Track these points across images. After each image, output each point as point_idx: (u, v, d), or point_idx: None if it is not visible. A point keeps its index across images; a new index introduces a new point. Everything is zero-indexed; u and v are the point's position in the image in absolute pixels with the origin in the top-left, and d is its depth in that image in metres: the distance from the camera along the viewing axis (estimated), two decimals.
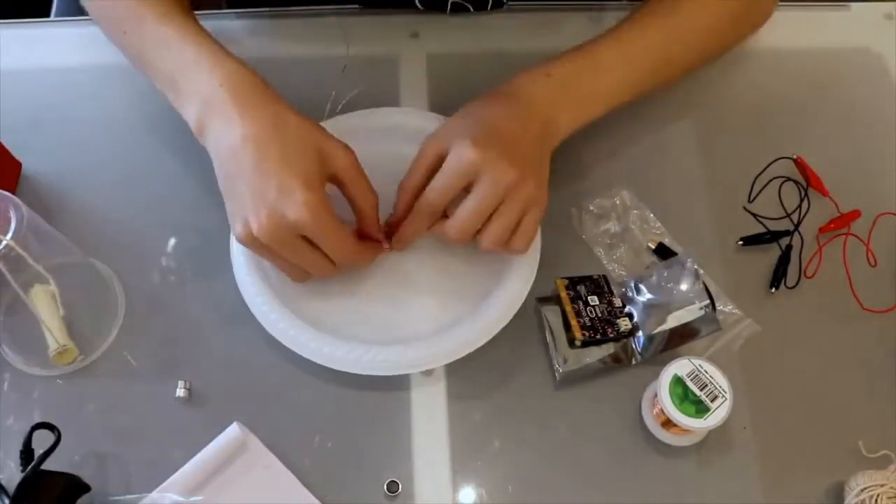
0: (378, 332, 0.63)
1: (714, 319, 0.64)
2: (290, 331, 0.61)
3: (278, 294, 0.62)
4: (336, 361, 0.61)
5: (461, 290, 0.65)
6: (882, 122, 0.78)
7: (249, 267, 0.63)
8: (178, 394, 0.61)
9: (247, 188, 0.56)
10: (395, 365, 0.61)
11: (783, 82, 0.79)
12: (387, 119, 0.72)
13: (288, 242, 0.56)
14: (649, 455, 0.61)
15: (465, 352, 0.61)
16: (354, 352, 0.60)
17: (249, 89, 0.59)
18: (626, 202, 0.71)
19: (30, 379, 0.62)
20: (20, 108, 0.74)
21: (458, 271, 0.66)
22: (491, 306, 0.63)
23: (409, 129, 0.70)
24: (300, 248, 0.57)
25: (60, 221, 0.68)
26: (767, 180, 0.73)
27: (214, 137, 0.58)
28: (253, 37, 0.81)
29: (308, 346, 0.61)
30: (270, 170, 0.55)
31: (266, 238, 0.55)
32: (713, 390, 0.58)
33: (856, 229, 0.71)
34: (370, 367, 0.60)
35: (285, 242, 0.56)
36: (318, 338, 0.61)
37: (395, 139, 0.69)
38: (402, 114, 0.73)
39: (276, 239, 0.56)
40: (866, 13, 0.85)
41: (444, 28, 0.81)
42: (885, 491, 0.57)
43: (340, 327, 0.63)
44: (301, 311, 0.62)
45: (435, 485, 0.60)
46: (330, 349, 0.61)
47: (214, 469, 0.58)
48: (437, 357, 0.61)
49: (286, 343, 0.61)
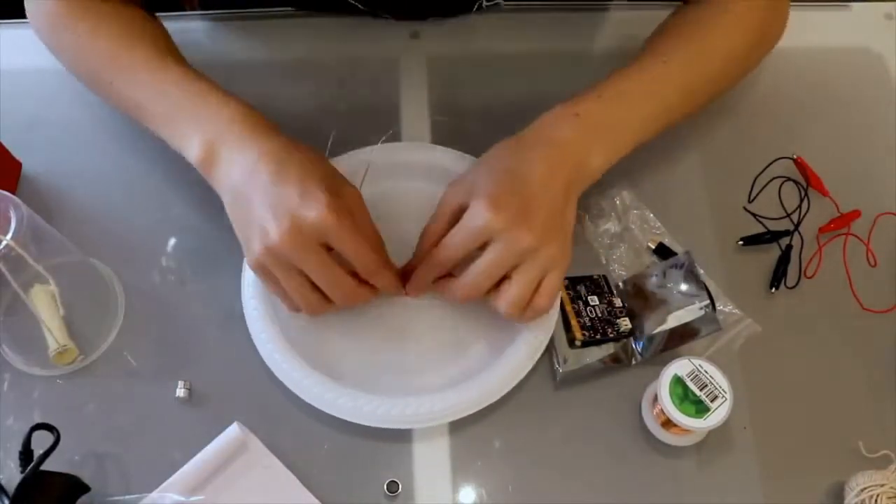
0: (390, 384, 0.62)
1: (714, 319, 0.64)
2: (304, 381, 0.60)
3: (294, 344, 0.61)
4: (360, 416, 0.59)
5: (471, 340, 0.64)
6: (882, 122, 0.78)
7: (264, 318, 0.62)
8: (178, 394, 0.61)
9: (266, 200, 0.54)
10: (402, 419, 0.59)
11: (783, 82, 0.79)
12: (420, 156, 0.70)
13: (309, 252, 0.54)
14: (649, 455, 0.61)
15: (472, 410, 0.60)
16: (371, 404, 0.59)
17: (261, 122, 0.59)
18: (626, 202, 0.71)
19: (30, 379, 0.62)
20: (20, 108, 0.74)
21: (469, 320, 0.65)
22: (499, 366, 0.61)
23: (439, 168, 0.68)
24: (321, 260, 0.55)
25: (60, 221, 0.68)
26: (767, 180, 0.73)
27: (226, 164, 0.57)
28: (251, 39, 0.81)
29: (332, 401, 0.59)
30: (291, 179, 0.54)
31: (287, 246, 0.54)
32: (713, 390, 0.58)
33: (856, 229, 0.71)
34: (382, 419, 0.59)
35: (307, 251, 0.54)
36: (338, 391, 0.59)
37: (429, 177, 0.68)
38: (433, 151, 0.70)
39: (297, 246, 0.54)
40: (866, 13, 0.85)
41: (445, 29, 0.81)
42: (885, 491, 0.57)
43: (363, 380, 0.61)
44: (318, 360, 0.61)
45: (435, 485, 0.60)
46: (355, 403, 0.59)
47: (215, 469, 0.58)
48: (445, 413, 0.60)
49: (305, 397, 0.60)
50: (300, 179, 0.54)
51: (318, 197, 0.53)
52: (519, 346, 0.61)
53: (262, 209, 0.54)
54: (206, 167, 0.59)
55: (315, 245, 0.54)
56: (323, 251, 0.55)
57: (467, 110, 0.76)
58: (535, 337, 0.61)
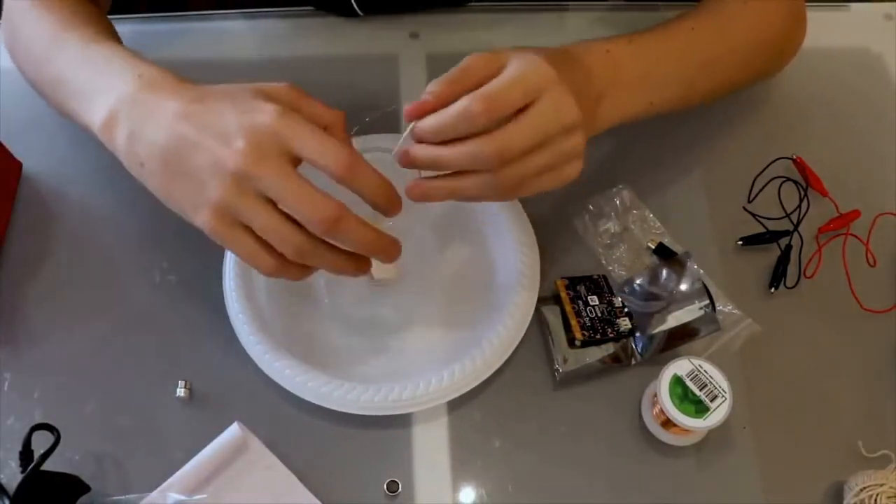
0: (386, 371, 0.62)
1: (714, 319, 0.64)
2: (285, 370, 0.60)
3: (280, 342, 0.61)
4: (349, 404, 0.60)
5: (462, 317, 0.65)
6: (882, 122, 0.78)
7: (246, 313, 0.62)
8: (178, 394, 0.61)
9: (206, 134, 0.48)
10: (398, 404, 0.60)
11: (783, 82, 0.79)
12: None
13: (274, 165, 0.47)
14: (649, 455, 0.61)
15: (472, 384, 0.61)
16: (367, 392, 0.59)
17: (172, 77, 0.53)
18: (626, 202, 0.71)
19: (30, 379, 0.62)
20: (20, 108, 0.74)
21: (457, 302, 0.66)
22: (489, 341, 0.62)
23: None
24: (289, 173, 0.47)
25: (60, 221, 0.68)
26: (767, 180, 0.73)
27: (137, 126, 0.51)
28: (251, 38, 0.81)
29: (319, 391, 0.60)
30: (225, 104, 0.48)
31: (250, 163, 0.46)
32: (713, 390, 0.58)
33: (855, 229, 0.71)
34: (377, 407, 0.59)
35: (271, 165, 0.47)
36: (333, 383, 0.60)
37: None
38: None
39: (260, 161, 0.47)
40: (866, 13, 0.85)
41: (444, 28, 0.81)
42: (885, 490, 0.57)
43: (358, 371, 0.62)
44: (310, 356, 0.61)
45: (435, 485, 0.60)
46: (354, 394, 0.59)
47: (215, 469, 0.58)
48: (444, 391, 0.60)
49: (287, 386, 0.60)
50: (232, 100, 0.49)
51: (261, 106, 0.48)
52: (510, 313, 0.62)
53: (207, 144, 0.48)
54: (106, 132, 0.53)
55: (278, 156, 0.47)
56: (286, 162, 0.48)
57: None
58: (525, 302, 0.63)
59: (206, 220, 0.49)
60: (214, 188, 0.48)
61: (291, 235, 0.49)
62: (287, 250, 0.49)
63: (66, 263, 0.67)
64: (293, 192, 0.47)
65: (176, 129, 0.49)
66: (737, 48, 0.68)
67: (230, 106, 0.48)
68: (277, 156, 0.47)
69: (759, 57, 0.71)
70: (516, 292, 0.63)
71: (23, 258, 0.67)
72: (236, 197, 0.48)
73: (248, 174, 0.47)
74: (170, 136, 0.49)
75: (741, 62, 0.69)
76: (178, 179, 0.50)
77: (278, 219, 0.48)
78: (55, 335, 0.64)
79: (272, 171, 0.47)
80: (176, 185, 0.50)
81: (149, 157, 0.51)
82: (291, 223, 0.49)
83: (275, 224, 0.48)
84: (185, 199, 0.50)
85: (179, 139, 0.49)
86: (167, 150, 0.49)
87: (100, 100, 0.53)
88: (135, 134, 0.51)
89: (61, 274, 0.67)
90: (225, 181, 0.47)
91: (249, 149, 0.47)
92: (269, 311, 0.63)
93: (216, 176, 0.47)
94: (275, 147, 0.47)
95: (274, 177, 0.47)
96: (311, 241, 0.49)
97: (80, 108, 0.56)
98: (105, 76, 0.54)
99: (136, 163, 0.52)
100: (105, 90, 0.53)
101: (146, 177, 0.52)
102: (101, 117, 0.52)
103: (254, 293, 0.63)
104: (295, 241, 0.49)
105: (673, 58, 0.64)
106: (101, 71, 0.55)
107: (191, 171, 0.49)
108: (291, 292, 0.65)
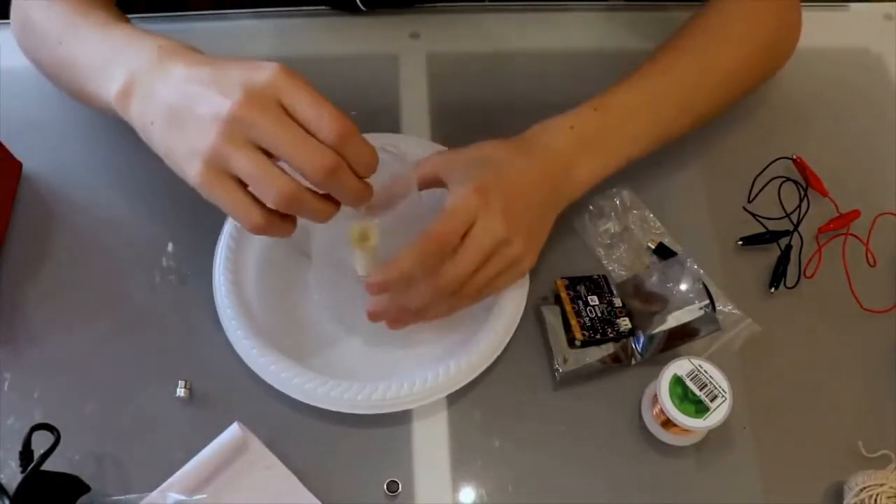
0: (382, 370, 0.63)
1: (714, 319, 0.64)
2: (282, 374, 0.60)
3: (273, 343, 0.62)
4: (345, 404, 0.60)
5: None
6: (882, 122, 0.78)
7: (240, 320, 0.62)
8: (178, 394, 0.61)
9: (211, 90, 0.49)
10: (395, 402, 0.60)
11: (782, 82, 0.79)
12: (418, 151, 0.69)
13: (269, 113, 0.48)
14: (649, 455, 0.61)
15: (469, 377, 0.61)
16: (365, 391, 0.60)
17: (191, 47, 0.55)
18: (626, 202, 0.71)
19: (30, 379, 0.62)
20: (20, 108, 0.74)
21: None
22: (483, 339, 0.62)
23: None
24: (283, 120, 0.48)
25: (60, 221, 0.68)
26: (767, 180, 0.73)
27: (151, 88, 0.52)
28: (251, 38, 0.81)
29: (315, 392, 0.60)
30: (230, 65, 0.50)
31: (245, 110, 0.47)
32: (713, 390, 0.58)
33: (855, 229, 0.71)
34: (374, 405, 0.60)
35: (266, 112, 0.48)
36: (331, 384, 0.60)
37: None
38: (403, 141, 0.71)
39: (255, 108, 0.47)
40: (866, 13, 0.85)
41: (444, 28, 0.81)
42: (885, 490, 0.57)
43: (353, 371, 0.62)
44: (305, 358, 0.62)
45: (435, 485, 0.60)
46: (350, 393, 0.60)
47: (215, 469, 0.58)
48: (442, 386, 0.60)
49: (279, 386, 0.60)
50: (236, 62, 0.50)
51: (265, 64, 0.49)
52: (505, 306, 0.63)
53: (208, 95, 0.49)
54: (121, 102, 0.54)
55: (275, 105, 0.48)
56: (284, 113, 0.48)
57: (467, 109, 0.76)
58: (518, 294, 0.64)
59: (198, 171, 0.49)
60: (208, 135, 0.48)
61: (280, 179, 0.48)
62: (274, 197, 0.49)
63: (66, 263, 0.67)
64: (292, 138, 0.48)
65: (183, 87, 0.51)
66: (717, 83, 0.68)
67: (235, 65, 0.50)
68: (275, 105, 0.48)
69: (739, 81, 0.71)
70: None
71: (23, 258, 0.67)
72: (228, 143, 0.48)
73: (244, 120, 0.48)
74: (178, 93, 0.51)
75: (722, 94, 0.69)
76: (178, 132, 0.51)
77: (267, 163, 0.49)
78: (55, 335, 0.64)
79: (270, 118, 0.48)
80: (176, 138, 0.51)
81: (157, 114, 0.52)
82: (280, 169, 0.49)
83: (264, 168, 0.48)
84: (182, 151, 0.51)
85: (185, 95, 0.50)
86: (173, 106, 0.51)
87: (117, 73, 0.55)
88: (148, 95, 0.53)
89: (61, 274, 0.67)
90: (219, 127, 0.48)
91: (246, 98, 0.48)
92: (260, 312, 0.63)
93: (212, 123, 0.48)
94: (273, 98, 0.48)
95: (270, 124, 0.48)
96: (298, 186, 0.49)
97: (96, 83, 0.57)
98: (124, 53, 0.56)
99: (147, 122, 0.53)
100: (124, 63, 0.55)
101: (152, 134, 0.53)
102: (119, 86, 0.54)
103: (244, 292, 0.63)
104: (283, 185, 0.48)
105: (645, 111, 0.65)
106: (119, 49, 0.57)
107: (191, 122, 0.50)
108: (284, 292, 0.65)
